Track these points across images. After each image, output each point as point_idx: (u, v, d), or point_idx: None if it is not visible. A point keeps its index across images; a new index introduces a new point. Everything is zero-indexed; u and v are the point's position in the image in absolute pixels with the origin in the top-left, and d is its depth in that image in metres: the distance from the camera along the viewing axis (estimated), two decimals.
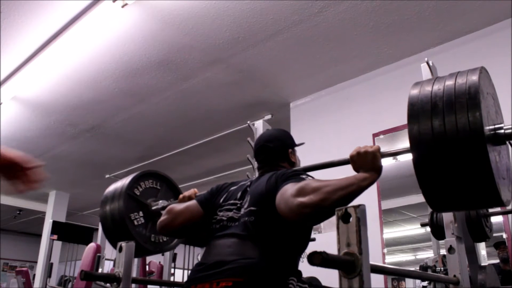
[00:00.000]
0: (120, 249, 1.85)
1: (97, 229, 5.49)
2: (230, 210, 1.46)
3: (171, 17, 3.14)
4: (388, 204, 3.57)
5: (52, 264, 5.76)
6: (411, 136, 1.17)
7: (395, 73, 3.59)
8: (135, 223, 2.09)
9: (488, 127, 1.13)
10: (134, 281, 2.66)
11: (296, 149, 1.74)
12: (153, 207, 2.15)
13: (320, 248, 0.90)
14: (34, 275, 6.66)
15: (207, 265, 1.32)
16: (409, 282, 3.98)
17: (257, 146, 1.68)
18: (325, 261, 0.83)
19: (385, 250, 3.28)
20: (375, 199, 3.38)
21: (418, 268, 3.03)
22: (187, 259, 4.43)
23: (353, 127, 3.71)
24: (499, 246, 2.85)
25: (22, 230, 10.69)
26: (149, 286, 4.73)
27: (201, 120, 4.71)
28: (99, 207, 2.17)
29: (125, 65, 3.76)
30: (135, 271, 4.54)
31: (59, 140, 5.32)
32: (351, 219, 0.93)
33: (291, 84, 4.07)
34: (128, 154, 5.66)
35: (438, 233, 2.13)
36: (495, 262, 2.89)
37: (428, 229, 2.29)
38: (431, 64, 1.68)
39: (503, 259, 2.80)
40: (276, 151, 1.63)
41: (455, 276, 1.62)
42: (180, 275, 4.74)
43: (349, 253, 0.91)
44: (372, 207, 3.31)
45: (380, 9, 3.04)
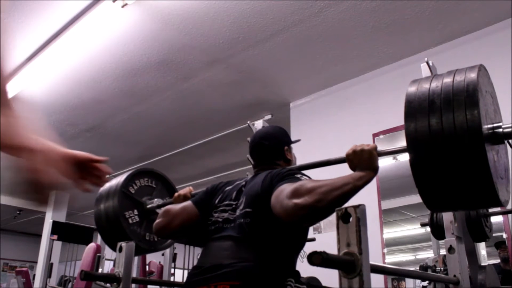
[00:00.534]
0: (120, 249, 1.85)
1: (97, 229, 5.49)
2: (225, 211, 1.44)
3: (171, 17, 3.14)
4: (388, 204, 3.57)
5: (52, 264, 5.76)
6: (407, 134, 1.15)
7: (395, 73, 3.58)
8: (130, 221, 2.08)
9: (486, 125, 1.11)
10: (134, 281, 2.66)
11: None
12: (148, 206, 2.14)
13: (320, 248, 0.90)
14: (34, 275, 6.66)
15: (204, 268, 1.32)
16: (409, 282, 3.98)
17: (252, 144, 1.65)
18: (325, 261, 0.83)
19: (385, 250, 3.28)
20: (375, 199, 3.38)
21: (418, 268, 3.03)
22: (187, 259, 4.43)
23: (353, 127, 3.71)
24: (500, 246, 2.85)
25: (22, 230, 10.69)
26: (149, 286, 4.73)
27: (201, 120, 4.71)
28: None
29: (125, 65, 3.76)
30: (135, 271, 4.54)
31: (59, 140, 5.31)
32: (351, 219, 0.93)
33: (291, 84, 4.07)
34: (128, 154, 5.66)
35: (438, 233, 2.13)
36: (495, 262, 2.90)
37: (428, 229, 2.29)
38: (431, 64, 1.68)
39: (504, 259, 2.80)
40: (272, 148, 1.61)
41: (455, 276, 1.62)
42: (180, 275, 4.74)
43: (349, 253, 0.91)
44: (372, 207, 3.30)
45: (380, 9, 3.03)
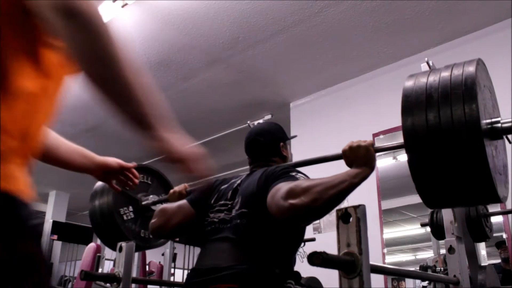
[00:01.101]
0: (120, 249, 1.85)
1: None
2: (221, 211, 1.42)
3: (171, 17, 3.14)
4: (388, 204, 3.57)
5: (52, 264, 5.75)
6: (405, 129, 1.13)
7: (395, 73, 3.58)
8: (125, 218, 2.06)
9: (485, 120, 1.09)
10: (134, 281, 2.66)
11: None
12: (144, 202, 2.12)
13: (320, 248, 0.91)
14: None
15: (202, 270, 1.31)
16: (409, 282, 3.98)
17: (247, 141, 1.62)
18: (325, 261, 0.83)
19: (385, 250, 3.28)
20: (375, 199, 3.38)
21: (418, 268, 3.03)
22: (187, 259, 4.43)
23: (353, 127, 3.71)
24: (500, 245, 2.86)
25: None
26: (149, 286, 4.73)
27: (201, 120, 4.72)
28: None
29: None
30: (135, 271, 4.55)
31: None
32: (351, 219, 0.93)
33: (291, 84, 4.07)
34: (128, 154, 5.65)
35: (438, 233, 2.14)
36: (495, 262, 2.90)
37: (428, 229, 2.30)
38: (431, 64, 1.68)
39: (505, 258, 2.80)
40: (267, 145, 1.58)
41: (455, 276, 1.62)
42: (180, 275, 4.74)
43: (349, 253, 0.91)
44: (372, 207, 3.30)
45: (380, 9, 3.04)
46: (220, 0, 2.98)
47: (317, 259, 0.82)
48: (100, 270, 4.48)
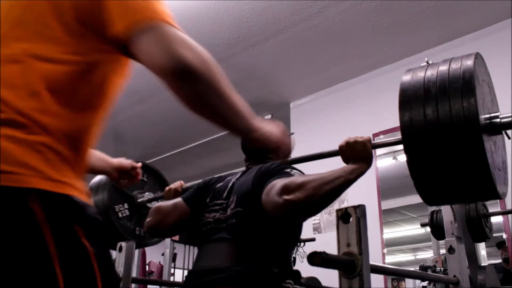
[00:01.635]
0: (120, 249, 1.85)
1: None
2: (216, 211, 1.40)
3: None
4: (388, 204, 3.57)
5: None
6: (402, 124, 1.11)
7: (395, 73, 3.58)
8: (120, 215, 2.05)
9: (483, 115, 1.08)
10: (134, 281, 2.66)
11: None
12: (139, 200, 2.12)
13: (320, 248, 0.91)
14: None
15: (199, 272, 1.30)
16: (409, 282, 3.98)
17: (243, 138, 1.62)
18: (325, 261, 0.83)
19: (385, 250, 3.28)
20: (375, 199, 3.38)
21: (418, 268, 3.03)
22: (187, 259, 4.44)
23: (353, 127, 3.71)
24: (501, 246, 2.86)
25: None
26: (149, 286, 4.74)
27: (201, 120, 4.70)
28: None
29: None
30: (135, 271, 4.55)
31: None
32: (351, 219, 0.93)
33: (291, 84, 4.07)
34: (128, 154, 5.65)
35: (438, 233, 2.14)
36: (496, 262, 2.90)
37: (428, 229, 2.30)
38: (430, 63, 1.68)
39: (505, 259, 2.81)
40: None
41: (455, 276, 1.62)
42: (180, 275, 4.74)
43: (349, 253, 0.91)
44: (372, 207, 3.30)
45: (380, 9, 3.04)
46: (220, 0, 2.98)
47: (317, 259, 0.83)
48: None
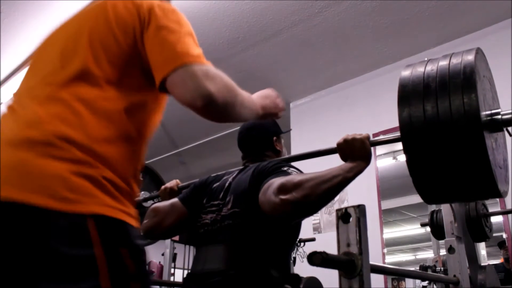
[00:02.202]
0: None
1: None
2: (213, 212, 1.37)
3: None
4: (388, 204, 3.57)
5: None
6: (401, 120, 1.08)
7: (395, 73, 3.55)
8: None
9: (484, 112, 1.04)
10: None
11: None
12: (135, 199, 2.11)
13: (320, 248, 0.90)
14: None
15: (197, 276, 1.28)
16: (409, 282, 3.99)
17: (240, 135, 1.58)
18: (325, 261, 0.83)
19: (385, 250, 3.28)
20: (375, 199, 3.38)
21: (418, 268, 3.03)
22: (187, 259, 4.44)
23: (353, 127, 3.69)
24: (502, 246, 2.86)
25: None
26: None
27: (201, 120, 4.69)
28: None
29: None
30: None
31: None
32: (351, 219, 0.93)
33: (291, 84, 4.07)
34: None
35: (438, 233, 2.14)
36: (496, 262, 2.90)
37: (428, 229, 2.30)
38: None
39: (507, 258, 2.81)
40: (260, 139, 1.53)
41: (455, 276, 1.62)
42: (180, 275, 4.74)
43: (349, 253, 0.91)
44: (372, 207, 3.30)
45: (380, 9, 3.04)
46: (220, 0, 2.98)
47: (317, 259, 0.82)
48: None
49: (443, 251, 2.34)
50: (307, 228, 3.60)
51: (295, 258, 2.99)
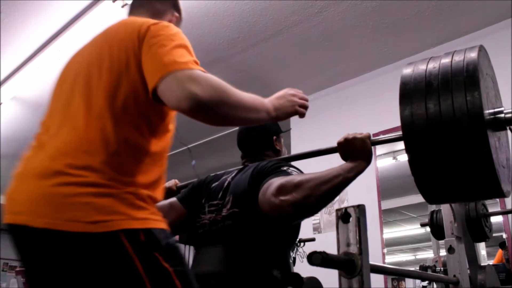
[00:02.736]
0: None
1: None
2: (212, 212, 1.36)
3: None
4: (388, 204, 3.57)
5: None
6: (402, 118, 1.06)
7: (395, 73, 3.57)
8: None
9: (487, 110, 1.03)
10: None
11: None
12: None
13: (320, 248, 0.90)
14: None
15: (198, 277, 1.26)
16: (409, 282, 3.99)
17: (239, 135, 1.57)
18: (325, 261, 0.83)
19: (385, 250, 3.28)
20: (375, 199, 3.38)
21: (418, 268, 3.03)
22: (187, 259, 4.44)
23: (353, 127, 3.68)
24: (503, 246, 2.85)
25: None
26: None
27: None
28: None
29: None
30: None
31: None
32: (351, 219, 0.93)
33: (291, 84, 4.03)
34: None
35: (438, 233, 2.14)
36: (496, 262, 2.90)
37: (428, 229, 2.30)
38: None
39: (508, 259, 2.81)
40: (259, 138, 1.52)
41: (455, 276, 1.62)
42: None
43: (349, 253, 0.91)
44: (372, 207, 3.31)
45: (380, 9, 3.04)
46: (220, 0, 2.98)
47: (317, 259, 0.82)
48: None
49: (443, 251, 2.34)
50: (307, 228, 3.60)
51: (295, 258, 2.99)
